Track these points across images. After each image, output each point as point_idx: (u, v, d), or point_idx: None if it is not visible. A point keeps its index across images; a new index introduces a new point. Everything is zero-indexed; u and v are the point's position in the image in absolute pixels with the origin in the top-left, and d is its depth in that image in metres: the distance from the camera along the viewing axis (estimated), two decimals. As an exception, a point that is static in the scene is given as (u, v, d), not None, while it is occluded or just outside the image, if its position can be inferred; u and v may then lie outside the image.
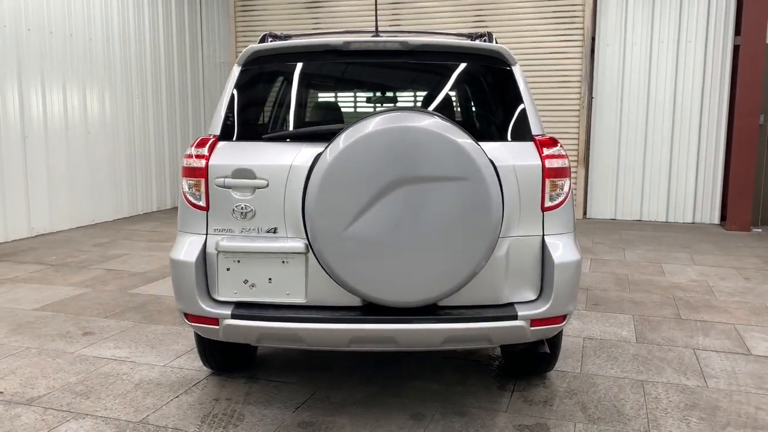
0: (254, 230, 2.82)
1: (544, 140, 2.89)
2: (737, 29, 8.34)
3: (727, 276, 5.82)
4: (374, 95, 4.84)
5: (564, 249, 2.83)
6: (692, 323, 4.43)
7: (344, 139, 2.57)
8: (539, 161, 2.83)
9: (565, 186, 2.87)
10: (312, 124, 3.56)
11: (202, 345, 3.34)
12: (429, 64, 3.15)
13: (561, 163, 2.85)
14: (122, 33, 8.80)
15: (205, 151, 2.87)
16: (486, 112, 3.30)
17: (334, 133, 2.68)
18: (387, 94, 4.60)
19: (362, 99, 7.53)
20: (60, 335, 4.13)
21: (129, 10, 8.92)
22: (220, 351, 3.37)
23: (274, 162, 2.81)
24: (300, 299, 2.80)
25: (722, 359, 3.77)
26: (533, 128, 2.94)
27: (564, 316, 2.85)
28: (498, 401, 3.19)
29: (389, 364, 3.62)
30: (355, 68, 3.23)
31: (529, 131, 2.94)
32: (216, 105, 4.47)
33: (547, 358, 3.35)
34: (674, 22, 8.64)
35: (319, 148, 2.72)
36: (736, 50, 8.33)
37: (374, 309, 2.75)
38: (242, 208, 2.81)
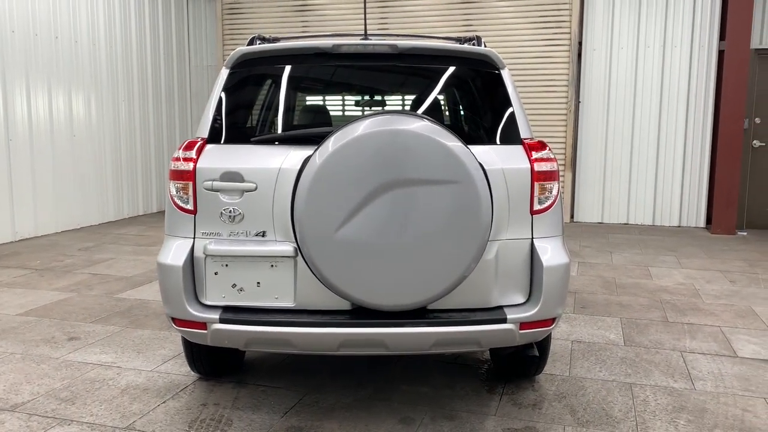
0: (243, 234, 2.80)
1: (533, 143, 2.90)
2: (722, 34, 8.43)
3: (713, 279, 5.86)
4: (363, 98, 4.83)
5: (553, 252, 2.83)
6: (679, 326, 4.46)
7: (333, 143, 2.56)
8: (528, 164, 2.83)
9: (554, 189, 2.88)
10: (301, 127, 3.55)
11: (190, 350, 3.31)
12: (418, 68, 3.15)
13: (550, 167, 2.86)
14: (108, 36, 8.74)
15: (193, 154, 2.85)
16: (475, 116, 3.30)
17: (323, 137, 2.67)
18: (376, 97, 4.59)
19: (351, 102, 7.52)
20: (45, 340, 4.08)
21: (115, 13, 8.86)
22: (208, 356, 3.34)
23: (263, 165, 2.79)
24: (289, 303, 2.79)
25: (709, 362, 3.79)
26: (522, 131, 2.95)
27: (553, 319, 2.85)
28: (487, 404, 3.18)
29: (378, 368, 3.61)
30: (344, 71, 3.22)
31: (518, 134, 2.94)
32: (203, 108, 4.44)
33: (536, 361, 3.36)
34: (660, 27, 8.72)
35: (308, 152, 2.71)
36: (721, 55, 8.41)
37: (364, 313, 2.74)
38: (230, 212, 2.79)
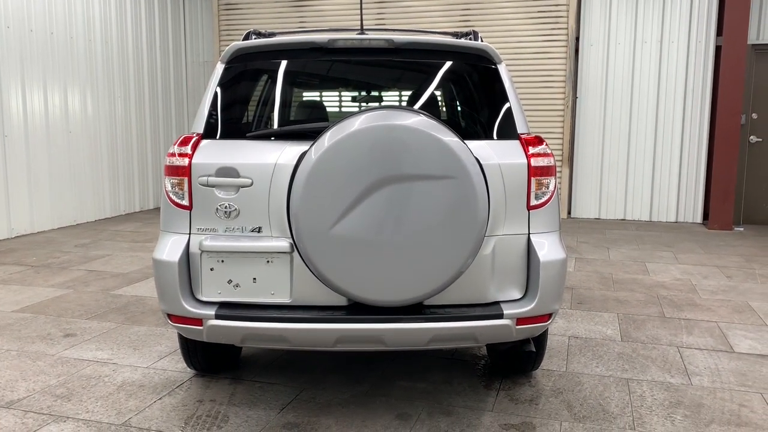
0: (238, 230, 2.79)
1: (530, 139, 2.89)
2: (719, 30, 8.42)
3: (710, 274, 5.87)
4: (360, 93, 4.81)
5: (549, 247, 2.83)
6: (676, 321, 4.46)
7: (329, 138, 2.55)
8: (525, 160, 2.82)
9: (551, 185, 2.87)
10: (297, 123, 3.53)
11: (186, 346, 3.30)
12: (415, 62, 3.13)
13: (546, 162, 2.85)
14: (104, 31, 8.70)
15: (188, 150, 2.84)
16: (472, 111, 3.29)
17: (319, 132, 2.66)
18: (372, 93, 4.57)
19: (347, 97, 7.50)
20: (40, 337, 4.06)
21: (111, 8, 8.82)
22: (204, 352, 3.33)
23: (259, 161, 2.78)
24: (285, 299, 2.78)
25: (706, 357, 3.80)
26: (519, 127, 2.94)
27: (550, 315, 2.85)
28: (484, 400, 3.18)
29: (375, 364, 3.60)
30: (341, 66, 3.20)
31: (515, 130, 2.93)
32: (199, 104, 4.42)
33: (533, 357, 3.35)
34: (657, 23, 8.71)
35: (304, 147, 2.70)
36: (718, 51, 8.41)
37: (360, 308, 2.74)
38: (226, 207, 2.78)
